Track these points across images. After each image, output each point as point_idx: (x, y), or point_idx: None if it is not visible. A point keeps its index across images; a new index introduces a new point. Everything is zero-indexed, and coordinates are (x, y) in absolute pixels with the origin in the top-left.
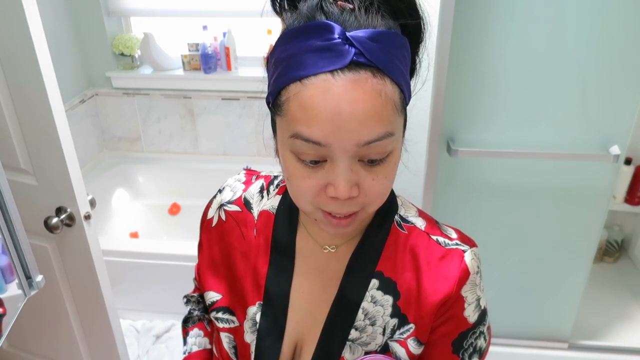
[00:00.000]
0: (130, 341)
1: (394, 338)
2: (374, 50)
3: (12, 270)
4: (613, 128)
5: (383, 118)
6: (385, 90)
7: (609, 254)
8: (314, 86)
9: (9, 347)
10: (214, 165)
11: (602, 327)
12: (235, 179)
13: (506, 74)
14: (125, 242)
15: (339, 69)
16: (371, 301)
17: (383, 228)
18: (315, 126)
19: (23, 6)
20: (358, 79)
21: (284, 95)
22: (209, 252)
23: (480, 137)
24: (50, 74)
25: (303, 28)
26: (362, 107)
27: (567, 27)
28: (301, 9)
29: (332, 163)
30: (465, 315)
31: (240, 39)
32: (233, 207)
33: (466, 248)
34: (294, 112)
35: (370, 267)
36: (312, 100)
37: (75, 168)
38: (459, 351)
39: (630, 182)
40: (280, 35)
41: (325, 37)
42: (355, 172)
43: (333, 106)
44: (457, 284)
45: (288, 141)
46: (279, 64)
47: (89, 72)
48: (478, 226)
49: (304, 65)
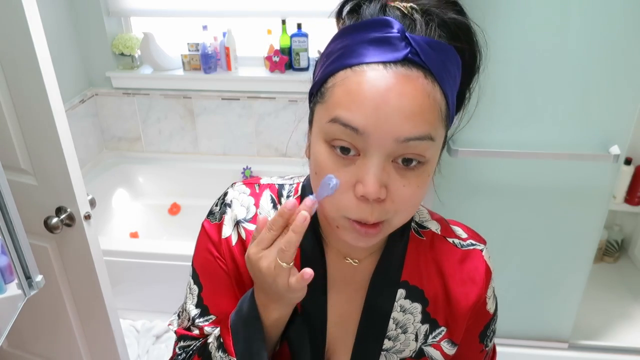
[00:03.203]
0: (130, 341)
1: (428, 343)
2: (430, 54)
3: (12, 270)
4: (613, 128)
5: (427, 119)
6: (433, 94)
7: (609, 254)
8: (364, 74)
9: (9, 347)
10: (214, 165)
11: (602, 327)
12: (238, 192)
13: (506, 74)
14: (125, 242)
15: (392, 62)
16: (400, 310)
17: (403, 237)
18: (357, 111)
19: (23, 6)
20: (410, 75)
21: (331, 82)
22: (234, 271)
23: (480, 137)
24: (50, 74)
25: (363, 23)
26: (409, 102)
27: (567, 27)
28: (363, 11)
29: (365, 159)
30: (487, 309)
31: (240, 39)
32: (252, 227)
33: (482, 247)
34: (338, 96)
35: (395, 278)
36: (360, 86)
37: (75, 168)
38: (483, 340)
39: (630, 182)
40: (336, 33)
41: (384, 31)
42: (387, 172)
43: (380, 95)
44: (485, 285)
45: (325, 127)
46: (331, 55)
47: (89, 72)
48: (478, 226)
49: (358, 54)
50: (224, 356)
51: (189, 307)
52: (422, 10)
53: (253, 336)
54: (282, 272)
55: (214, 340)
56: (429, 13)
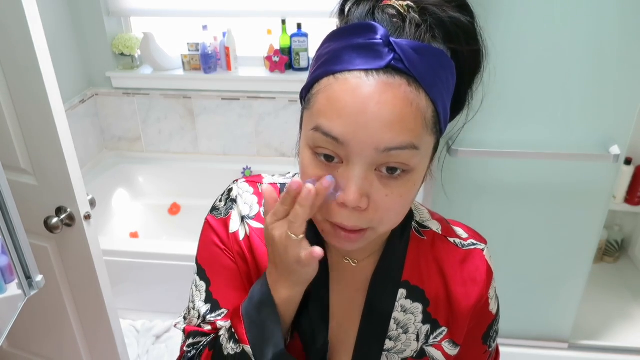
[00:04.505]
0: (130, 341)
1: (429, 343)
2: (415, 60)
3: (12, 270)
4: (613, 128)
5: (409, 128)
6: (417, 101)
7: (609, 254)
8: (346, 81)
9: (9, 347)
10: (214, 165)
11: (602, 327)
12: (242, 189)
13: (506, 74)
14: (125, 242)
15: (374, 69)
16: (401, 310)
17: (403, 237)
18: (337, 121)
19: (23, 6)
20: (391, 83)
21: (316, 88)
22: (243, 265)
23: (480, 137)
24: (50, 74)
25: (349, 27)
26: (389, 111)
27: (568, 27)
28: (352, 14)
29: (347, 167)
30: (489, 310)
31: (240, 39)
32: (256, 224)
33: (483, 247)
34: (320, 104)
35: (396, 278)
36: (340, 94)
37: (75, 168)
38: (487, 341)
39: (630, 182)
40: (326, 35)
41: (368, 37)
42: (370, 182)
43: (359, 104)
44: (486, 285)
45: (308, 134)
46: (319, 60)
47: (89, 72)
48: (478, 226)
49: (341, 60)
50: (236, 347)
51: (197, 304)
52: (419, 9)
53: (267, 318)
54: (292, 243)
55: (224, 332)
56: (426, 12)
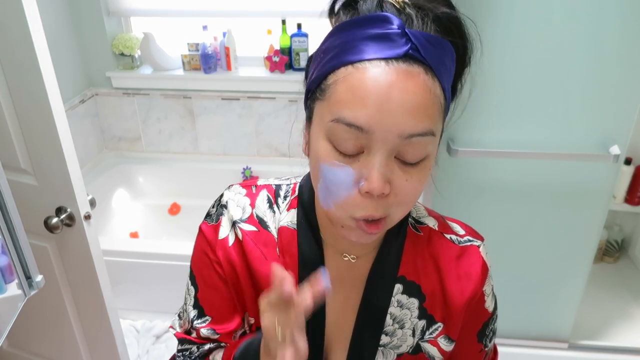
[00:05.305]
0: (130, 341)
1: (425, 338)
2: (429, 49)
3: (12, 270)
4: (613, 128)
5: (430, 114)
6: (434, 89)
7: (609, 254)
8: (367, 70)
9: (9, 347)
10: (214, 165)
11: (602, 327)
12: (234, 192)
13: (506, 74)
14: (125, 242)
15: (394, 58)
16: (397, 305)
17: (400, 233)
18: (361, 110)
19: (23, 6)
20: (411, 71)
21: (331, 79)
22: (231, 273)
23: (480, 137)
24: (50, 74)
25: (361, 18)
26: (413, 98)
27: (568, 27)
28: (360, 7)
29: (369, 155)
30: (485, 307)
31: (240, 39)
32: (248, 227)
33: (479, 243)
34: (340, 94)
35: (393, 273)
36: (363, 83)
37: (75, 168)
38: (482, 339)
39: (630, 182)
40: (333, 28)
41: (384, 27)
42: (390, 168)
43: (383, 91)
44: (481, 281)
45: (327, 126)
46: (329, 52)
47: (89, 72)
48: (478, 226)
49: (359, 50)
50: None
51: (187, 308)
52: (414, 6)
53: None
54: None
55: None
56: (422, 8)
